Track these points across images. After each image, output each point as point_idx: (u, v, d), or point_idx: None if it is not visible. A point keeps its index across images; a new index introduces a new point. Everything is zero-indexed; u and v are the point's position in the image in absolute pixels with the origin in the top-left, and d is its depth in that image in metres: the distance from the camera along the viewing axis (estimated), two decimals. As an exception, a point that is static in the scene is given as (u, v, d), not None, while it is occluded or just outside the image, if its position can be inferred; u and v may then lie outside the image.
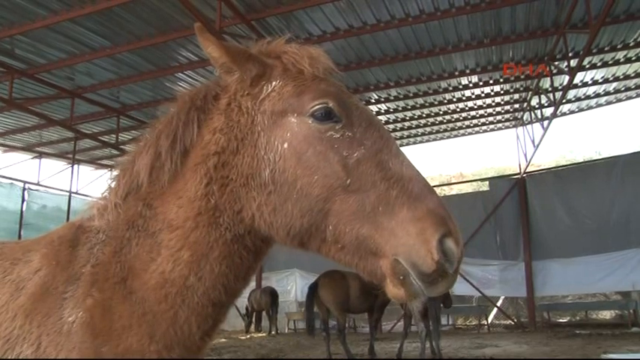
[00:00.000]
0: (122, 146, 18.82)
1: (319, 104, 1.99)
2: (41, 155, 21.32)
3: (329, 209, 1.90)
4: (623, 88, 18.74)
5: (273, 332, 22.79)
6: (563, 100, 16.82)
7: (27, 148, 20.84)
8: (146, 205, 2.18)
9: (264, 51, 2.21)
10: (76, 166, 21.73)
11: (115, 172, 2.36)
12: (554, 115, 16.80)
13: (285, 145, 2.00)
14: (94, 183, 23.21)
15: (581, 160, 31.51)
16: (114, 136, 18.44)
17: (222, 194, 2.07)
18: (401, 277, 1.78)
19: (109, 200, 2.24)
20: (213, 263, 2.06)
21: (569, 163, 29.82)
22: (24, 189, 20.07)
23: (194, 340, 2.07)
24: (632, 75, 17.19)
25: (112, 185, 2.30)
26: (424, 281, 1.75)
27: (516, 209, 21.58)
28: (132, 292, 2.03)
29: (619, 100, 20.25)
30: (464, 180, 36.46)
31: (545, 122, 17.63)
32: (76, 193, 21.33)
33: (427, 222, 1.76)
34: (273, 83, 2.11)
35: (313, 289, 14.74)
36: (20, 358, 1.93)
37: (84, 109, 16.59)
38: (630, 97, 19.97)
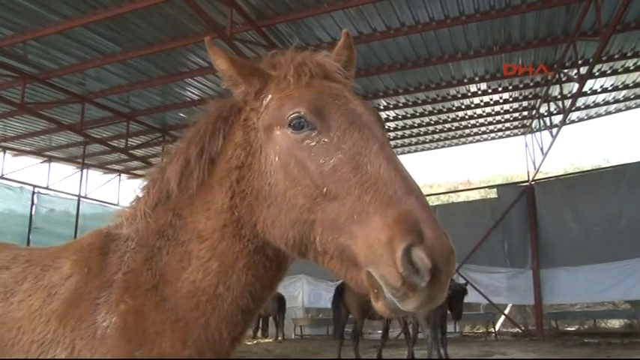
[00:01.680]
0: (131, 151, 18.96)
1: (293, 114, 1.97)
2: (50, 159, 21.45)
3: (314, 219, 1.86)
4: (632, 96, 18.68)
5: (279, 338, 22.79)
6: (573, 108, 16.78)
7: (37, 152, 20.99)
8: (176, 215, 2.25)
9: (272, 62, 2.23)
10: (84, 171, 21.83)
11: (144, 182, 2.43)
12: (563, 123, 16.77)
13: (277, 159, 2.01)
14: (102, 187, 23.33)
15: (589, 168, 31.41)
16: (123, 140, 18.59)
17: (242, 208, 2.12)
18: (375, 291, 1.68)
19: (138, 209, 2.31)
20: (240, 273, 2.12)
21: (577, 170, 29.74)
22: (33, 193, 20.18)
23: (224, 346, 2.14)
24: (642, 83, 17.14)
25: (141, 195, 2.38)
26: (395, 295, 1.62)
27: (524, 217, 21.51)
28: (164, 299, 2.09)
29: (628, 108, 20.19)
30: (471, 187, 36.38)
31: (554, 130, 17.59)
32: (85, 197, 21.42)
33: (395, 229, 1.61)
34: (269, 97, 2.13)
35: (340, 292, 14.75)
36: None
37: (94, 113, 16.72)
38: (639, 105, 19.89)
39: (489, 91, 17.07)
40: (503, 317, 23.53)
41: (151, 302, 2.08)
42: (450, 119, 19.91)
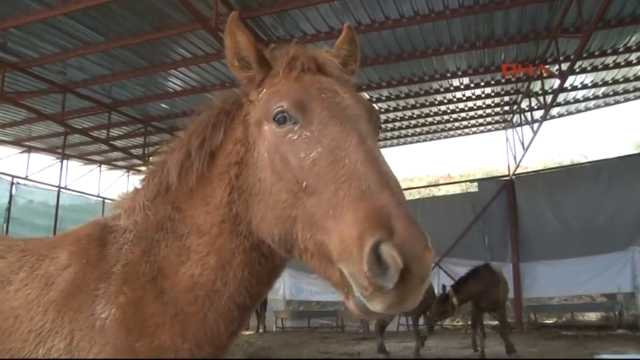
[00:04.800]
0: (112, 142, 18.75)
1: (276, 108, 1.96)
2: (30, 149, 21.13)
3: (296, 215, 1.84)
4: (611, 93, 18.97)
5: (260, 330, 22.80)
6: (553, 104, 17.00)
7: (16, 142, 20.65)
8: (175, 208, 2.26)
9: (271, 56, 2.23)
10: (65, 161, 21.54)
11: (144, 174, 2.44)
12: (544, 118, 16.99)
13: (266, 154, 2.01)
14: (82, 178, 23.04)
15: (568, 163, 31.80)
16: (104, 131, 18.38)
17: (240, 204, 2.13)
18: (346, 290, 1.62)
19: (136, 201, 2.32)
20: (236, 269, 2.13)
21: (556, 165, 30.07)
22: (12, 183, 19.87)
23: (222, 340, 2.16)
24: (621, 80, 17.42)
25: (140, 186, 2.39)
26: (363, 295, 1.54)
27: (505, 211, 21.75)
28: (163, 291, 2.11)
29: (607, 105, 20.50)
30: (452, 181, 36.64)
31: (535, 125, 17.80)
32: (65, 188, 21.14)
33: (366, 224, 1.54)
34: (263, 91, 2.13)
35: None
36: (52, 351, 1.99)
37: (75, 103, 16.48)
38: (618, 102, 20.21)
39: (472, 85, 17.20)
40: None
41: (150, 294, 2.09)
42: (432, 113, 20.03)
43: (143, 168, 24.64)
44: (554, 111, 20.28)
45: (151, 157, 21.11)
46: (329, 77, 2.10)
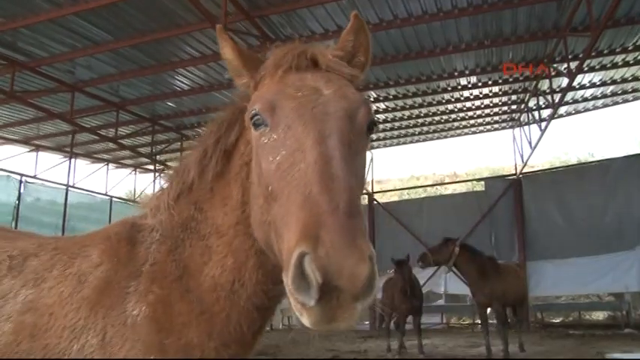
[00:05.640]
0: (120, 140, 18.83)
1: (252, 111, 1.93)
2: (38, 148, 21.24)
3: (269, 221, 1.78)
4: (620, 92, 18.89)
5: (267, 328, 22.77)
6: (562, 102, 16.95)
7: (24, 141, 20.78)
8: (197, 209, 2.28)
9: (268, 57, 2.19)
10: (72, 160, 21.63)
11: (168, 174, 2.47)
12: (552, 117, 16.93)
13: (255, 157, 1.98)
14: (89, 177, 23.15)
15: (575, 162, 31.72)
16: (111, 129, 18.46)
17: (249, 205, 2.09)
18: (289, 304, 1.52)
19: (161, 200, 2.34)
20: (251, 271, 2.13)
21: (563, 164, 30.00)
22: (20, 182, 19.98)
23: (247, 339, 2.18)
24: (630, 78, 17.34)
25: (165, 186, 2.41)
26: (295, 309, 1.46)
27: (511, 210, 21.67)
28: (189, 290, 2.13)
29: (615, 103, 20.42)
30: (458, 180, 36.60)
31: (543, 124, 17.75)
32: (73, 186, 21.24)
33: (297, 235, 1.45)
34: (255, 94, 2.09)
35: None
36: (86, 347, 2.03)
37: (83, 102, 16.55)
38: (627, 101, 20.12)
39: (479, 84, 17.17)
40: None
41: (177, 293, 2.12)
42: (439, 112, 20.01)
43: (150, 167, 24.80)
44: (562, 110, 20.21)
45: (157, 156, 21.22)
46: (321, 72, 2.01)
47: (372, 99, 17.97)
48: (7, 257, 2.39)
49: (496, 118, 21.71)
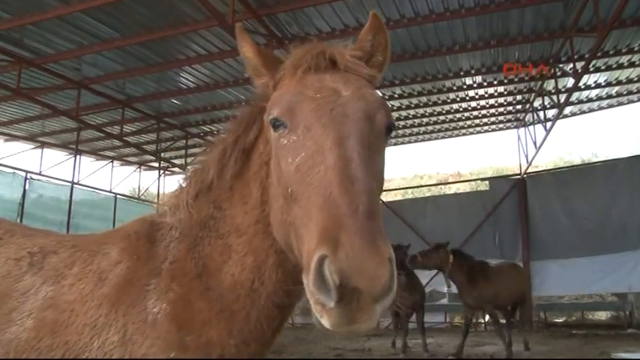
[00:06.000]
0: (125, 137, 18.85)
1: (270, 112, 1.95)
2: (43, 145, 21.28)
3: (289, 221, 1.80)
4: (625, 92, 18.86)
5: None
6: (567, 103, 16.94)
7: (29, 138, 20.83)
8: (216, 207, 2.30)
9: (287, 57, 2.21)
10: (77, 157, 21.66)
11: (187, 173, 2.48)
12: (557, 117, 16.91)
13: (274, 158, 1.99)
14: (94, 174, 23.19)
15: (579, 162, 31.69)
16: (116, 127, 18.47)
17: (269, 205, 2.09)
18: (308, 305, 1.55)
19: (180, 199, 2.37)
20: (271, 270, 2.14)
21: (567, 164, 29.99)
22: (26, 178, 20.01)
23: (267, 337, 2.20)
24: (635, 79, 17.30)
25: (184, 184, 2.43)
26: (315, 310, 1.49)
27: (516, 209, 21.68)
28: (208, 288, 2.15)
29: (620, 104, 20.38)
30: (462, 179, 36.57)
31: (548, 124, 17.74)
32: (78, 183, 21.28)
33: (317, 237, 1.48)
34: (274, 94, 2.10)
35: None
36: (107, 343, 2.05)
37: (89, 99, 16.57)
38: (632, 101, 20.07)
39: (485, 84, 17.15)
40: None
41: (197, 291, 2.14)
42: (444, 111, 19.99)
43: (155, 164, 24.82)
44: (567, 110, 20.16)
45: (162, 153, 21.24)
46: (340, 73, 2.01)
47: (377, 98, 17.92)
48: (27, 254, 2.42)
49: (501, 117, 21.68)
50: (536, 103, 18.87)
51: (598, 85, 17.72)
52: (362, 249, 1.39)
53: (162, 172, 25.49)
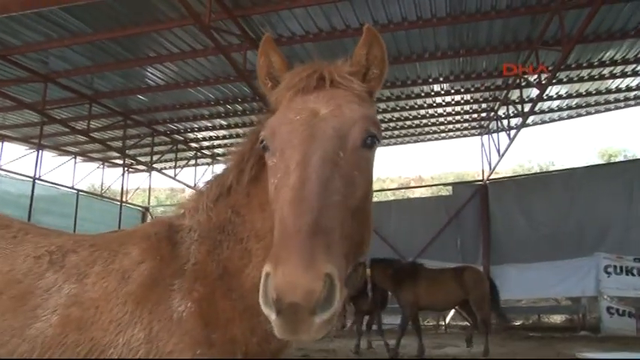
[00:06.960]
0: (91, 134, 18.48)
1: (260, 136, 2.08)
2: (3, 139, 20.66)
3: None
4: (584, 104, 19.60)
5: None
6: (531, 112, 17.47)
7: (-12, 131, 20.21)
8: (234, 212, 2.37)
9: None
10: (40, 152, 21.08)
11: (209, 179, 2.56)
12: (522, 126, 17.42)
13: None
14: (56, 169, 22.64)
15: (537, 170, 32.57)
16: (82, 122, 18.08)
17: None
18: None
19: (200, 202, 2.44)
20: None
21: (526, 171, 30.80)
22: (-16, 173, 19.43)
23: None
24: (594, 92, 18.01)
25: (204, 189, 2.51)
26: (270, 320, 1.60)
27: (477, 214, 22.20)
28: (230, 289, 2.23)
29: (579, 115, 21.15)
30: (425, 184, 37.14)
31: (512, 132, 18.26)
32: (39, 179, 20.71)
33: (269, 254, 1.64)
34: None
35: None
36: (132, 340, 2.10)
37: (55, 93, 16.19)
38: (589, 113, 20.88)
39: (452, 91, 17.54)
40: (453, 311, 24.20)
41: (219, 291, 2.21)
42: (411, 117, 20.33)
43: (118, 161, 24.40)
44: (530, 119, 20.75)
45: (128, 150, 20.89)
46: (327, 91, 2.07)
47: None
48: (46, 252, 2.44)
49: (466, 124, 22.17)
50: (501, 112, 19.39)
51: (559, 97, 18.37)
52: (296, 266, 1.48)
53: (126, 169, 25.09)
